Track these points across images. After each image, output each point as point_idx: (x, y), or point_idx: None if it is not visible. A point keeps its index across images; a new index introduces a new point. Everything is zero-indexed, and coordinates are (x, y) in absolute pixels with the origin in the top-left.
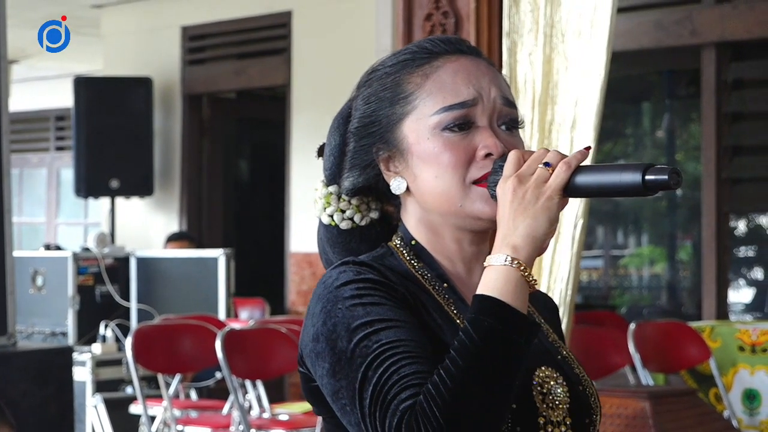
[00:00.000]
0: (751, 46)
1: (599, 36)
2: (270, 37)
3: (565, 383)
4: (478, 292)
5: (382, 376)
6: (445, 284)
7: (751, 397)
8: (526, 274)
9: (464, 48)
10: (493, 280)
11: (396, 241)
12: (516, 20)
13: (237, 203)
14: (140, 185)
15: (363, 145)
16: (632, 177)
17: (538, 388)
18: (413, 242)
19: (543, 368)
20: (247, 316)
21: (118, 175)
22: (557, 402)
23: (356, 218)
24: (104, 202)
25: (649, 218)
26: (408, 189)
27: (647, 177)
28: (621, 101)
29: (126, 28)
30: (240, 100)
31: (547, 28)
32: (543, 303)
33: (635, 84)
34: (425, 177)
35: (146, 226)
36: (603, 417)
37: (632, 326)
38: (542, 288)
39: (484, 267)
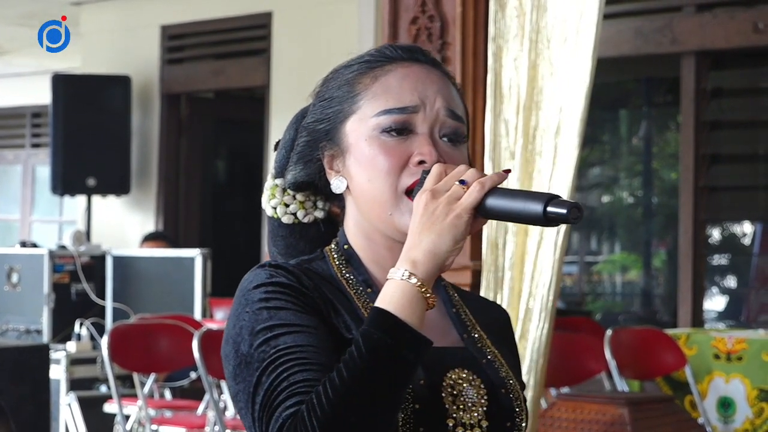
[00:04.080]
0: (730, 55)
1: (585, 43)
2: (249, 38)
3: (482, 386)
4: (376, 304)
5: (274, 382)
6: (369, 289)
7: (726, 404)
8: (423, 290)
9: (421, 57)
10: (390, 294)
11: (332, 245)
12: (502, 25)
13: (214, 203)
14: (117, 184)
15: (310, 141)
16: (535, 207)
17: (449, 390)
18: (346, 246)
19: (457, 370)
20: (223, 317)
21: (95, 174)
22: (470, 404)
23: (299, 214)
24: (80, 200)
25: (624, 225)
26: (348, 189)
27: (548, 209)
28: (599, 108)
29: (105, 26)
30: (218, 101)
31: (533, 34)
32: (487, 310)
33: (613, 91)
34: (360, 179)
35: (122, 224)
36: (581, 423)
37: (608, 333)
38: (524, 293)
39: (387, 279)
